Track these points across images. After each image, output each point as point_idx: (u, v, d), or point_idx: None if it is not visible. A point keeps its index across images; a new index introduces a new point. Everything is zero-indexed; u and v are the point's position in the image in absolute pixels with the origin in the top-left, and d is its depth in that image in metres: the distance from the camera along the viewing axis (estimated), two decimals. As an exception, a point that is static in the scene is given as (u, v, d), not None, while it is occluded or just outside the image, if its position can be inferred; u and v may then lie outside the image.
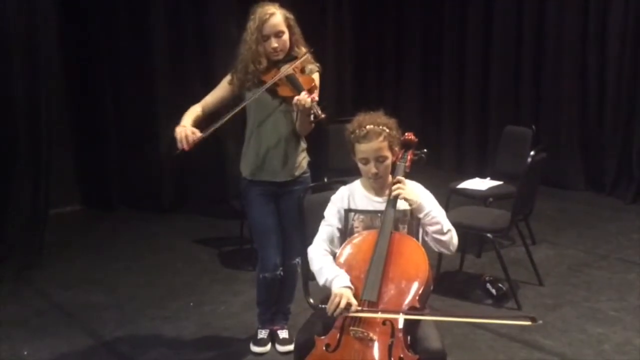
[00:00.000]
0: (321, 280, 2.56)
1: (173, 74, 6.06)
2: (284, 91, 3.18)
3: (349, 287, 2.43)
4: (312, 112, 3.04)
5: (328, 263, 2.57)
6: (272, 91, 3.21)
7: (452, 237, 2.61)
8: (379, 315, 2.38)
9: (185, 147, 3.08)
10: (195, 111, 3.25)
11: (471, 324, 3.74)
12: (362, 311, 2.38)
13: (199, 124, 3.20)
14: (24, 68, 4.83)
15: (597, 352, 3.49)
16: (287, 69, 3.17)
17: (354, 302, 2.38)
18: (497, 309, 4.01)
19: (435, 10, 7.29)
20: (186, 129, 3.11)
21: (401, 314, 2.37)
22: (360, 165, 2.64)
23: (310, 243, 2.71)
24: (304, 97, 3.03)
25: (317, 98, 3.07)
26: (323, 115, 3.05)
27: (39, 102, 4.90)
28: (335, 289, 2.43)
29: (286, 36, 3.20)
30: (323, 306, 2.50)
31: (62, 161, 5.96)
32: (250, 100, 3.20)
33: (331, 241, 2.66)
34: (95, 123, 6.14)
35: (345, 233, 2.69)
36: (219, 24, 6.09)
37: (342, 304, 2.37)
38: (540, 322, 2.38)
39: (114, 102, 6.14)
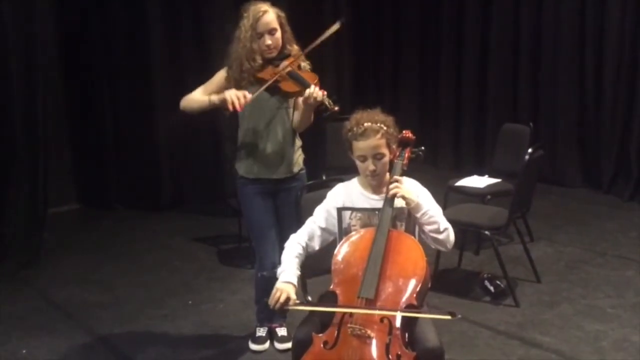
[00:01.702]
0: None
1: (171, 74, 6.05)
2: (289, 87, 3.17)
3: (290, 283, 2.52)
4: (323, 105, 3.05)
5: (289, 257, 2.64)
6: (273, 88, 3.20)
7: (449, 235, 2.62)
8: (314, 308, 2.50)
9: (239, 107, 3.07)
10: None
11: (468, 321, 3.75)
12: (300, 304, 2.53)
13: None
14: (21, 68, 4.82)
15: (594, 349, 3.50)
16: (286, 66, 3.17)
17: (292, 297, 2.49)
18: (495, 306, 4.02)
19: (433, 9, 7.29)
20: (237, 91, 3.09)
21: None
22: (357, 162, 2.65)
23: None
24: (315, 91, 3.04)
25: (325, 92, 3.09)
26: (336, 108, 3.05)
27: (36, 101, 4.90)
28: (278, 283, 2.54)
29: (279, 34, 3.21)
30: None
31: (60, 160, 5.97)
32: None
33: (311, 238, 2.70)
34: (93, 122, 6.14)
35: (334, 231, 2.71)
36: (217, 24, 6.07)
37: (282, 299, 2.47)
38: (459, 316, 2.45)
39: (112, 101, 6.15)
